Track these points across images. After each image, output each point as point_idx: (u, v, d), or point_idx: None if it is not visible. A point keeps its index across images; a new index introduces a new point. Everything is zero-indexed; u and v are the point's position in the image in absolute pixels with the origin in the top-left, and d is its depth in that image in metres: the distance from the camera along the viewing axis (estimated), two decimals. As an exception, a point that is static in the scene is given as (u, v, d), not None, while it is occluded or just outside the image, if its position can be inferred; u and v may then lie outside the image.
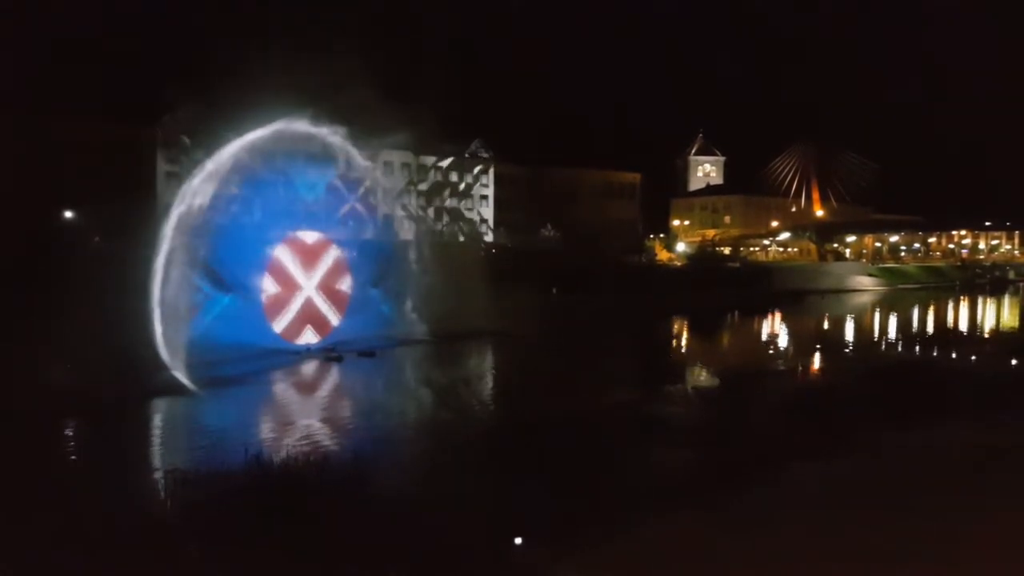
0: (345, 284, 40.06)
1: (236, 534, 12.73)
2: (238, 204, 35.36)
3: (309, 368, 35.48)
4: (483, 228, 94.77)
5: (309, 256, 38.67)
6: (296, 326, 37.82)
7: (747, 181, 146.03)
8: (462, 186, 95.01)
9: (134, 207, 41.45)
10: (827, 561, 12.15)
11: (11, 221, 39.67)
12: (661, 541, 13.22)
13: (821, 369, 39.80)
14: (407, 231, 42.88)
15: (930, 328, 63.78)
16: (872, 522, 13.72)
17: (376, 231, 41.56)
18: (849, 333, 59.47)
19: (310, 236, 38.82)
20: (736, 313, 70.98)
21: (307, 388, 33.34)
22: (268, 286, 36.80)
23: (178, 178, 38.15)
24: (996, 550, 12.38)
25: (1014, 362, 38.51)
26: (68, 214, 57.19)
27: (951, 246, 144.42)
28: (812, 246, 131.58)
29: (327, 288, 39.34)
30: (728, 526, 13.84)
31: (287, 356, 36.31)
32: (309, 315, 38.34)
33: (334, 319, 39.50)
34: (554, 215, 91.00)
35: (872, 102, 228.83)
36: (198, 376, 27.76)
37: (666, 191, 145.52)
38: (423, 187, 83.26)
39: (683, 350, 50.13)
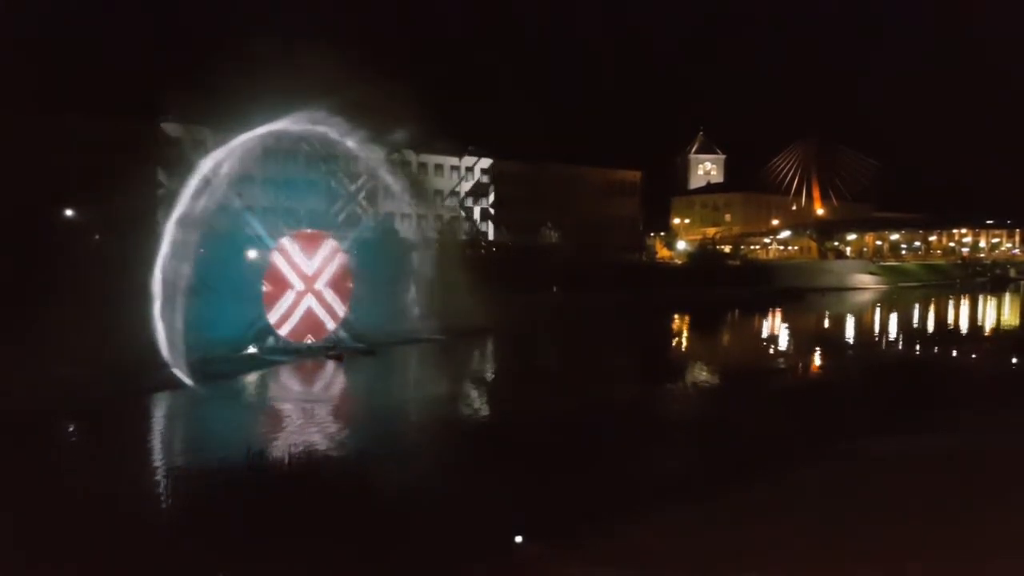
0: (345, 282, 40.00)
1: (235, 534, 12.72)
2: (239, 202, 35.30)
3: (309, 367, 35.45)
4: (483, 226, 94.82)
5: (310, 254, 38.59)
6: (296, 325, 37.76)
7: (747, 179, 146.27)
8: (462, 184, 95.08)
9: (134, 205, 41.41)
10: (828, 561, 12.14)
11: (10, 219, 39.63)
12: (661, 539, 13.21)
13: (822, 367, 39.80)
14: (407, 229, 42.83)
15: (930, 326, 63.80)
16: (874, 521, 13.71)
17: (376, 229, 41.54)
18: (849, 331, 59.49)
19: (310, 234, 38.76)
20: (737, 311, 71.06)
21: (307, 387, 33.33)
22: (268, 284, 36.75)
23: (179, 176, 38.11)
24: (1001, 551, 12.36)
25: (1014, 360, 38.56)
26: (68, 212, 57.12)
27: (952, 244, 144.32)
28: (813, 244, 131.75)
29: (327, 286, 39.25)
30: (729, 524, 13.83)
31: (287, 355, 36.31)
32: (309, 313, 38.28)
33: (334, 317, 39.44)
34: (555, 213, 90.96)
35: (872, 99, 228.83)
36: (198, 374, 27.73)
37: (667, 189, 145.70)
38: (423, 185, 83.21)
39: (684, 348, 50.12)
